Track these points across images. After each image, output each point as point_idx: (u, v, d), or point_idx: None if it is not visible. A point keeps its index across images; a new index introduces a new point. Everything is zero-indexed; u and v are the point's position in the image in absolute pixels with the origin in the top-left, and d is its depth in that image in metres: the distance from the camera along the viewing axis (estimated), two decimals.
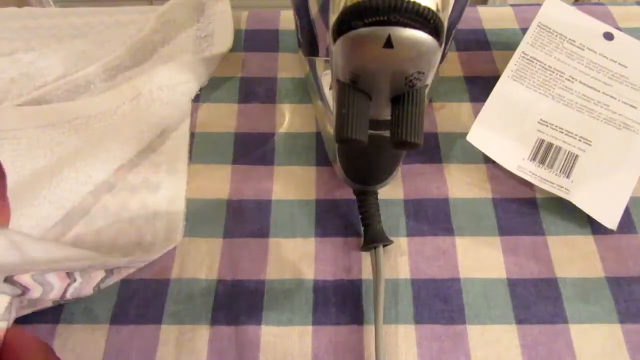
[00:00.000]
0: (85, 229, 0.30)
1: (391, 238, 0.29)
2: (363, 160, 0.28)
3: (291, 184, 0.33)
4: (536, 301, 0.28)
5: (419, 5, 0.16)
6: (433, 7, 0.16)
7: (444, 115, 0.36)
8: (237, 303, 0.28)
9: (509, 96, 0.33)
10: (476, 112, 0.34)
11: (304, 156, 0.34)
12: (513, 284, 0.29)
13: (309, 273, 0.29)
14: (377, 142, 0.23)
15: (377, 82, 0.19)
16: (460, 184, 0.33)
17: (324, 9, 0.29)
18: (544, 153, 0.32)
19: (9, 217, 0.24)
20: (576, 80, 0.34)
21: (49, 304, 0.26)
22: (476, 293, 0.29)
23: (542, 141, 0.32)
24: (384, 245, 0.29)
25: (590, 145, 0.32)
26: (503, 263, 0.30)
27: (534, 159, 0.32)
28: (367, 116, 0.20)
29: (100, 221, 0.30)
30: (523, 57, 0.34)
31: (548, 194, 0.32)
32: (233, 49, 0.39)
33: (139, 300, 0.28)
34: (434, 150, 0.34)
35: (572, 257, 0.30)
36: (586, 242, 0.31)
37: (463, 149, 0.34)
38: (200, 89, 0.37)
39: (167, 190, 0.32)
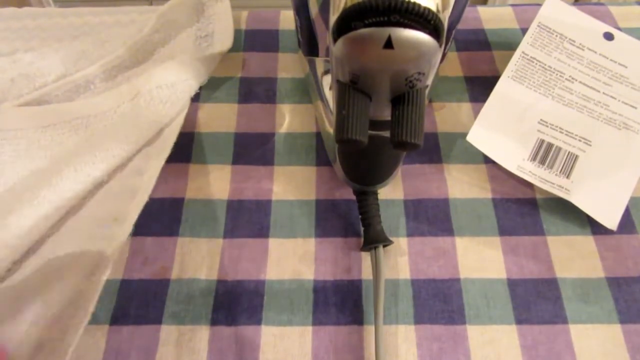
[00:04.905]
0: (75, 222, 0.30)
1: (391, 238, 0.29)
2: (363, 161, 0.28)
3: (291, 184, 0.33)
4: (536, 301, 0.28)
5: (419, 5, 0.16)
6: (433, 8, 0.16)
7: (444, 115, 0.36)
8: (237, 303, 0.28)
9: (509, 96, 0.33)
10: (476, 112, 0.34)
11: (304, 156, 0.34)
12: (513, 284, 0.29)
13: (309, 273, 0.29)
14: (377, 142, 0.23)
15: (377, 83, 0.19)
16: (461, 184, 0.33)
17: (324, 9, 0.29)
18: (544, 153, 0.32)
19: None
20: (576, 80, 0.34)
21: None
22: (476, 293, 0.29)
23: (542, 141, 0.32)
24: (384, 246, 0.29)
25: (590, 145, 0.32)
26: (503, 263, 0.30)
27: (534, 159, 0.32)
28: (367, 117, 0.20)
29: (90, 211, 0.30)
30: (523, 57, 0.34)
31: (548, 194, 0.32)
32: (233, 49, 0.39)
33: (139, 300, 0.28)
34: (434, 150, 0.34)
35: (572, 258, 0.30)
36: (586, 242, 0.31)
37: (463, 149, 0.34)
38: (200, 89, 0.37)
39: (150, 171, 0.31)
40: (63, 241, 0.29)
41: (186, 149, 0.34)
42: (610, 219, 0.31)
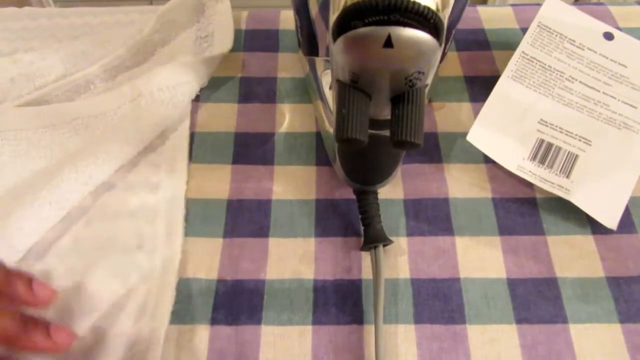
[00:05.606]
0: (84, 229, 0.30)
1: (391, 238, 0.29)
2: (363, 160, 0.28)
3: (291, 184, 0.33)
4: (536, 301, 0.28)
5: (419, 4, 0.16)
6: (433, 7, 0.16)
7: (444, 115, 0.36)
8: (237, 303, 0.28)
9: (509, 96, 0.33)
10: (476, 112, 0.34)
11: (304, 156, 0.34)
12: (513, 284, 0.29)
13: (309, 273, 0.29)
14: (377, 141, 0.23)
15: (377, 82, 0.19)
16: (461, 184, 0.33)
17: (324, 9, 0.29)
18: (544, 153, 0.32)
19: None
20: (576, 80, 0.34)
21: None
22: (476, 293, 0.29)
23: (542, 141, 0.32)
24: (384, 245, 0.29)
25: (590, 145, 0.32)
26: (503, 263, 0.30)
27: (534, 158, 0.32)
28: (367, 116, 0.20)
29: (99, 221, 0.30)
30: (523, 57, 0.34)
31: (548, 193, 0.32)
32: (233, 49, 0.39)
33: None
34: (434, 150, 0.34)
35: (572, 257, 0.30)
36: (586, 242, 0.31)
37: (463, 149, 0.34)
38: (200, 89, 0.37)
39: (167, 190, 0.32)
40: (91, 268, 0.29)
41: None
42: (610, 219, 0.31)
